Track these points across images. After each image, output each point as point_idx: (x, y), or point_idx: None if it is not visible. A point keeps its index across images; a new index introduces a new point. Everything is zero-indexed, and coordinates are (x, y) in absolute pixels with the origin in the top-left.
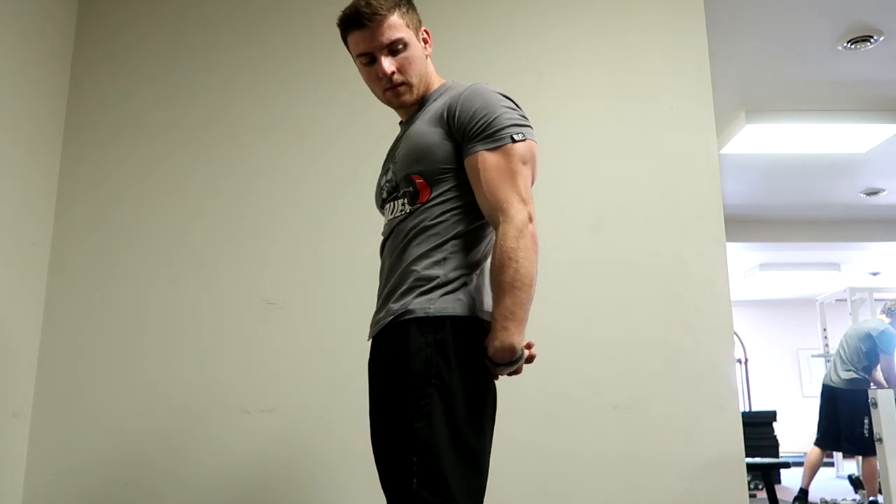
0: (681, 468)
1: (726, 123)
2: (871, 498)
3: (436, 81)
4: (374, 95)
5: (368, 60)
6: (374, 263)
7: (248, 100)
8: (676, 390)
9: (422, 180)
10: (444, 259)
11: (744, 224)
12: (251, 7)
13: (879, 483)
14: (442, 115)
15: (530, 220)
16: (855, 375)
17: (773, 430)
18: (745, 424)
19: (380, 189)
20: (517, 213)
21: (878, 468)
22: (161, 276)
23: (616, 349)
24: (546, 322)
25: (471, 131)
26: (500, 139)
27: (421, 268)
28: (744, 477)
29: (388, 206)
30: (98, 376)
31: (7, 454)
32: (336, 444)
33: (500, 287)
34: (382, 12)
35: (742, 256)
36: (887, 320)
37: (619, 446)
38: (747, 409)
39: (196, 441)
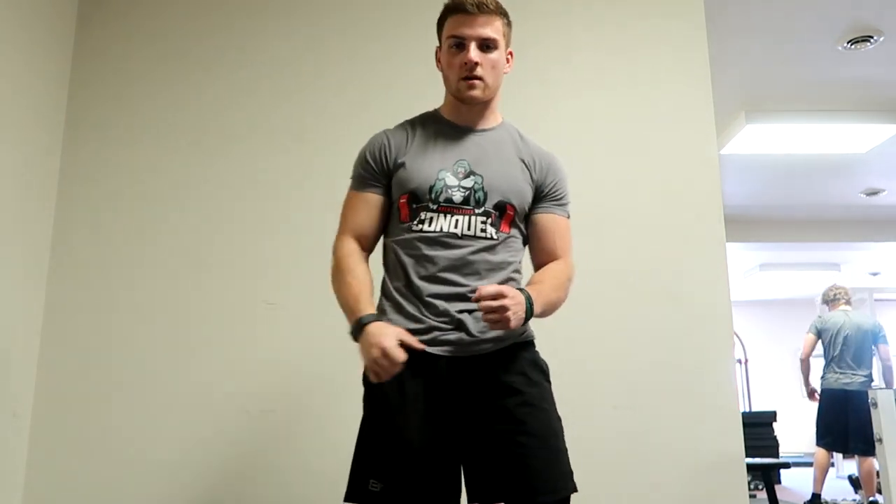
0: (681, 468)
1: (726, 123)
2: (870, 498)
3: (496, 106)
4: (381, 94)
5: (457, 44)
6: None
7: (247, 100)
8: (676, 390)
9: (512, 213)
10: None
11: (744, 224)
12: (252, 7)
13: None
14: (527, 164)
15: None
16: (866, 378)
17: (773, 431)
18: (745, 424)
19: (444, 184)
20: (573, 268)
21: (878, 468)
22: (161, 276)
23: (616, 349)
24: (545, 321)
25: (552, 193)
26: (566, 210)
27: None
28: (744, 477)
29: (457, 212)
30: (98, 376)
31: (7, 454)
32: (336, 444)
33: (553, 287)
34: (488, 10)
35: (742, 256)
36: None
37: (619, 446)
38: (747, 409)
39: (196, 441)
